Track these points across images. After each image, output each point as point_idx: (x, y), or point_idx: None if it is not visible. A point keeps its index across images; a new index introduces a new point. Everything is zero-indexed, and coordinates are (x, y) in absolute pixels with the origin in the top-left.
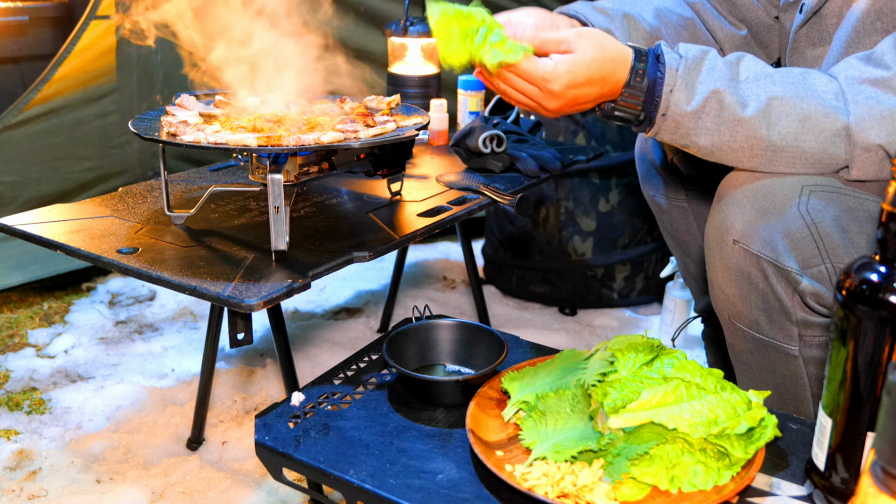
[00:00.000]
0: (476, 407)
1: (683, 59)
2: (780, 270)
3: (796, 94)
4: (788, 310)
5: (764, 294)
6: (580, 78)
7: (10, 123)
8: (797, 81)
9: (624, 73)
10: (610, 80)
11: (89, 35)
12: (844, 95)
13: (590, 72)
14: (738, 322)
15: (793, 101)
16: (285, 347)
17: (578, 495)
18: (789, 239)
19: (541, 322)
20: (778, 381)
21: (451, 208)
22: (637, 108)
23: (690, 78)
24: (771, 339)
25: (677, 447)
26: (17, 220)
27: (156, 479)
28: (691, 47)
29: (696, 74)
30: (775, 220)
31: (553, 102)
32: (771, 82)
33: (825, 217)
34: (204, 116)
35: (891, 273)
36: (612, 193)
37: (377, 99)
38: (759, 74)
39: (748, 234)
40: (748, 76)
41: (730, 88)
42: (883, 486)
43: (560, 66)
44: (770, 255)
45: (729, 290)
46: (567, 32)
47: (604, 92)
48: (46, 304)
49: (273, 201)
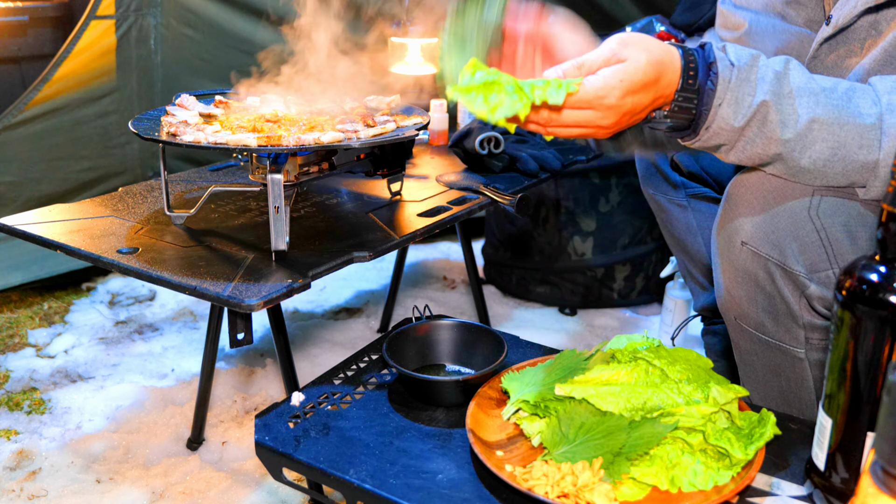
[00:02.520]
0: (476, 407)
1: (736, 69)
2: (788, 273)
3: (837, 119)
4: (795, 313)
5: (771, 296)
6: (637, 84)
7: (10, 123)
8: (841, 104)
9: (675, 75)
10: (663, 82)
11: (89, 35)
12: (882, 125)
13: (646, 76)
14: (744, 323)
15: (832, 125)
16: (285, 347)
17: (578, 495)
18: (798, 242)
19: (541, 322)
20: (782, 383)
21: (451, 208)
22: (691, 115)
23: (741, 91)
24: (777, 341)
25: (677, 447)
26: (17, 220)
27: (156, 479)
28: (742, 52)
29: (746, 86)
30: (785, 223)
31: (610, 118)
32: (815, 102)
33: (835, 222)
34: (204, 116)
35: (891, 273)
36: (612, 193)
37: (377, 99)
38: (805, 89)
39: (757, 236)
40: (795, 88)
41: (776, 103)
42: (883, 486)
43: (613, 77)
44: (778, 257)
45: (736, 291)
46: (610, 44)
47: (659, 94)
48: (46, 304)
49: (273, 201)
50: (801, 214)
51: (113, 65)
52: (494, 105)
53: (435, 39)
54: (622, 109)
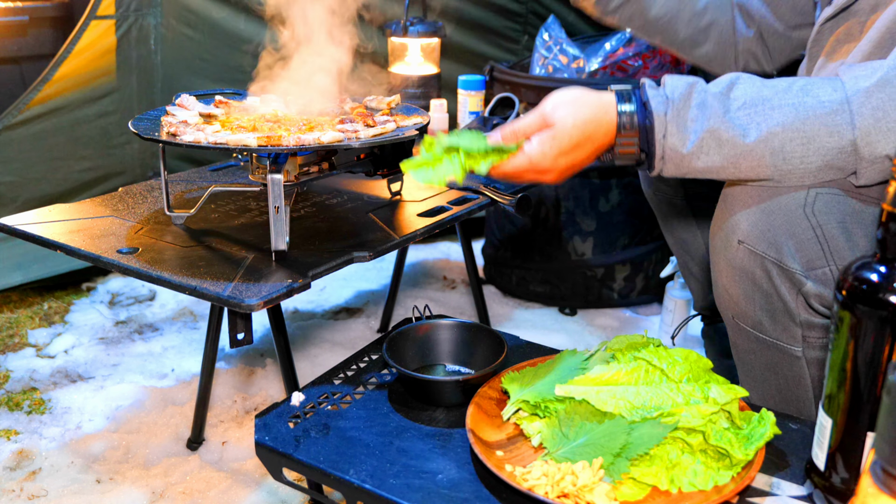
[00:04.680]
0: (476, 407)
1: (670, 102)
2: (785, 271)
3: (797, 118)
4: (792, 311)
5: (768, 295)
6: (567, 147)
7: (10, 123)
8: (797, 101)
9: (611, 123)
10: (598, 135)
11: (89, 35)
12: (850, 106)
13: (573, 139)
14: (741, 322)
15: (794, 126)
16: (285, 347)
17: (578, 495)
18: (794, 240)
19: (541, 322)
20: (780, 381)
21: (451, 208)
22: (636, 152)
23: (680, 119)
24: (774, 339)
25: (677, 447)
26: (17, 220)
27: (156, 479)
28: (677, 83)
29: (686, 112)
30: (781, 221)
31: (550, 175)
32: (769, 108)
33: (831, 219)
34: (204, 116)
35: (891, 273)
36: (612, 193)
37: (377, 99)
38: (754, 100)
39: (753, 234)
40: (743, 102)
41: (724, 124)
42: (883, 486)
43: (541, 145)
44: (775, 255)
45: (733, 290)
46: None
47: (596, 147)
48: (46, 304)
49: (273, 201)
50: (797, 212)
51: (113, 65)
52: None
53: (435, 40)
54: (558, 168)
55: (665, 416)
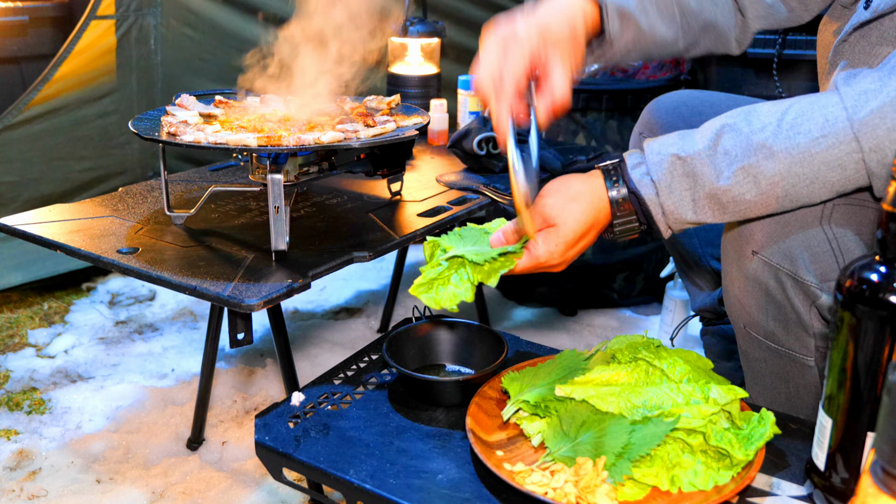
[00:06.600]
0: (476, 407)
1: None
2: (799, 283)
3: (793, 162)
4: (806, 322)
5: (781, 306)
6: (571, 242)
7: (10, 123)
8: (790, 145)
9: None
10: (598, 221)
11: (89, 35)
12: (852, 126)
13: (576, 233)
14: (753, 331)
15: (793, 171)
16: (285, 347)
17: (579, 495)
18: (810, 252)
19: (541, 322)
20: (791, 390)
21: (451, 208)
22: (637, 227)
23: (673, 195)
24: (786, 349)
25: (678, 447)
26: (17, 220)
27: (156, 479)
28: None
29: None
30: (796, 233)
31: (558, 268)
32: (762, 158)
33: (847, 231)
34: (204, 116)
35: (891, 273)
36: None
37: (377, 99)
38: (746, 151)
39: (768, 245)
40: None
41: (719, 189)
42: (883, 486)
43: (547, 245)
44: (789, 267)
45: (745, 299)
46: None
47: (598, 230)
48: (46, 304)
49: (273, 201)
50: (813, 224)
51: (113, 65)
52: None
53: (434, 40)
54: (567, 257)
55: (665, 416)
